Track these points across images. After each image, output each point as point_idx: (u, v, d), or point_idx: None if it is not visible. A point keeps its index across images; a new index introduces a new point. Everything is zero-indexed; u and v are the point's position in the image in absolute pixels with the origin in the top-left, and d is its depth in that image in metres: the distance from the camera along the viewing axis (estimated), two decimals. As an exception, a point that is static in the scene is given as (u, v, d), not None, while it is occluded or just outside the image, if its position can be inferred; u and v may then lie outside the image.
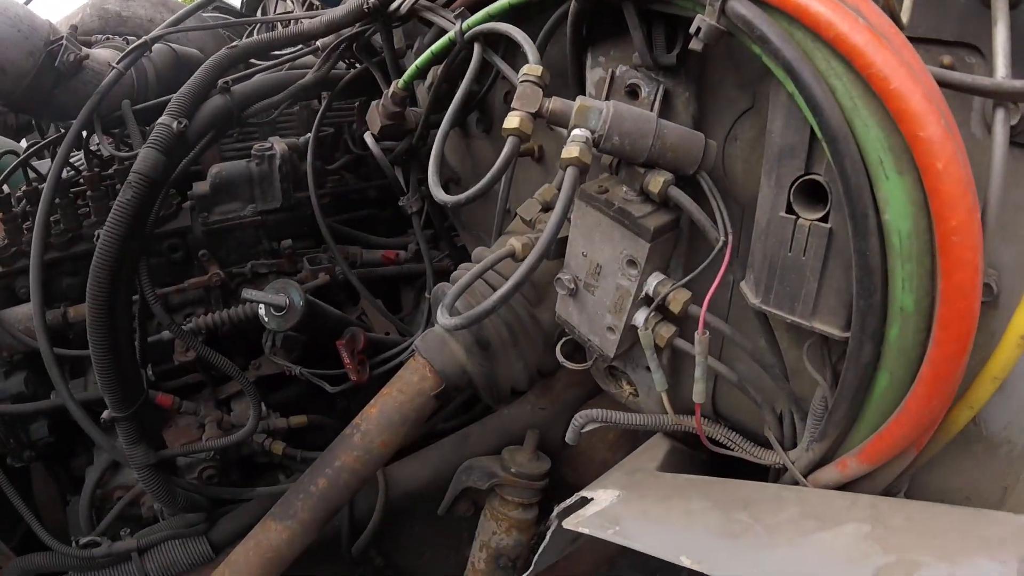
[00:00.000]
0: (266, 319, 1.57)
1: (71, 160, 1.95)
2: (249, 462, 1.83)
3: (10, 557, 1.66)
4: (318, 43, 1.68)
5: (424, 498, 1.75)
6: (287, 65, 1.77)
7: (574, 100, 0.92)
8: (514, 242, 1.05)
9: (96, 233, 1.43)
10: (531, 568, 1.20)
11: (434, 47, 1.31)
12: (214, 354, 1.60)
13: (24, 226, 1.76)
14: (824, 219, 0.85)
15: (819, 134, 0.78)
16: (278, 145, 1.83)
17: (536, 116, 0.92)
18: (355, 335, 1.70)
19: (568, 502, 1.08)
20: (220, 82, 1.52)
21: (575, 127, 0.91)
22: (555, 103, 0.92)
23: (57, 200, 1.69)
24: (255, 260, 1.88)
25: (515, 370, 1.31)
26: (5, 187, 1.93)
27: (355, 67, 1.81)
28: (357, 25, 1.58)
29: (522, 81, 0.93)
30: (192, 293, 1.82)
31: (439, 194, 0.99)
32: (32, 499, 1.93)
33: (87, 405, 1.59)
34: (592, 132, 0.91)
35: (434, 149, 1.05)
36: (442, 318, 1.01)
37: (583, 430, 1.13)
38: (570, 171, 0.89)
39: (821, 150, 0.81)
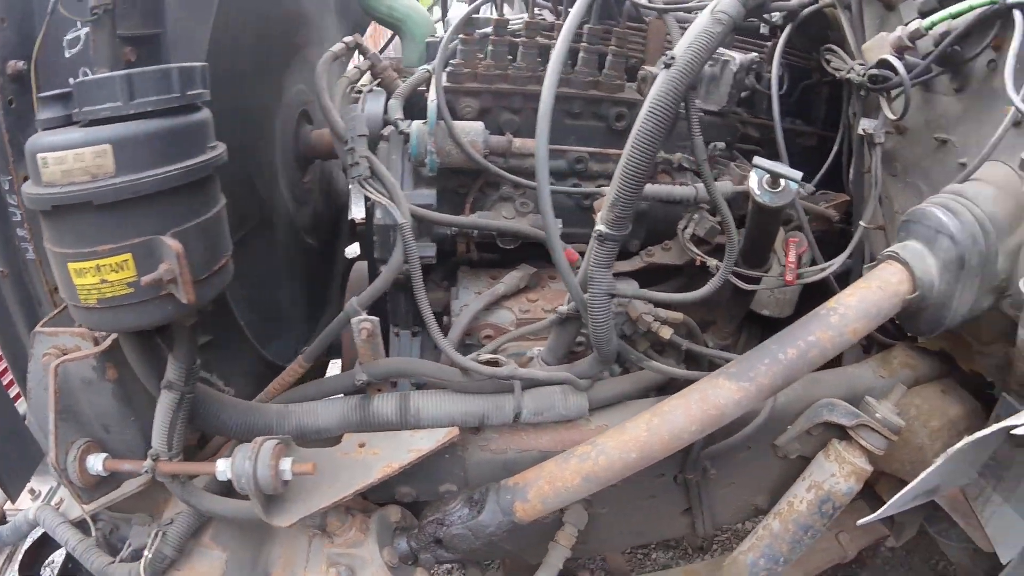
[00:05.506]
0: (758, 192, 1.48)
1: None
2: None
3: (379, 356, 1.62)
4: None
5: (760, 427, 1.76)
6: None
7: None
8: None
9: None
10: (890, 503, 1.25)
11: (965, 5, 1.43)
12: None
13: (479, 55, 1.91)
14: None
15: None
16: (737, 55, 1.92)
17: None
18: (802, 239, 1.72)
19: (983, 432, 1.19)
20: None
21: None
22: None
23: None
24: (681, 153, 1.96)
25: (963, 301, 1.39)
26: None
27: None
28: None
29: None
30: (612, 166, 1.84)
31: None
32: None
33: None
34: None
35: None
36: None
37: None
38: None
39: None
